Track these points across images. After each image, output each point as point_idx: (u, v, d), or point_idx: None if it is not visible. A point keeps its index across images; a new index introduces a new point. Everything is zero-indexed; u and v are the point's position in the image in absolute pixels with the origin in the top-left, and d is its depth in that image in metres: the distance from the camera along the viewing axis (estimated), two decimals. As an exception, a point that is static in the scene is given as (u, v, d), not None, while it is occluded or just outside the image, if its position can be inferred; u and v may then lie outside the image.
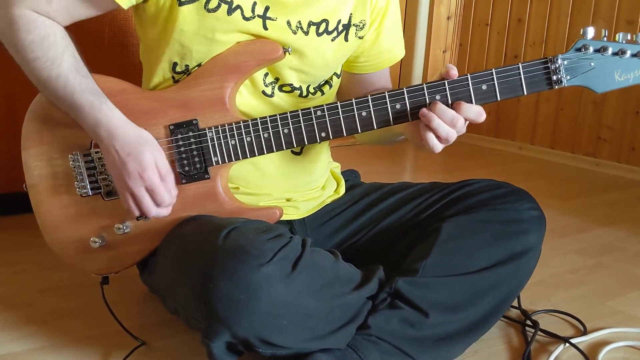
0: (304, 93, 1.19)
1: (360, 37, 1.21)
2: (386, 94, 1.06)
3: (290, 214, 1.23)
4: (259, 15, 1.09)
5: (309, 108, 1.08)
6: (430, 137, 1.03)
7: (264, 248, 0.93)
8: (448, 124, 1.02)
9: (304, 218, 1.26)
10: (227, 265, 0.92)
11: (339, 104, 1.08)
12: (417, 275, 1.11)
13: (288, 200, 1.24)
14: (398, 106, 1.06)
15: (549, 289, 1.53)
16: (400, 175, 2.84)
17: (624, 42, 1.02)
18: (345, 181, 1.38)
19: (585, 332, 1.29)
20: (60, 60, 1.03)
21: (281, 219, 1.16)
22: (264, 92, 1.15)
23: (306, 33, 1.13)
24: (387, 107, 1.06)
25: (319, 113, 1.08)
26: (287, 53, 1.11)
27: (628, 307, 1.45)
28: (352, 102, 1.07)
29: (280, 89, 1.17)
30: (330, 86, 1.24)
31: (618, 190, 2.63)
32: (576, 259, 1.76)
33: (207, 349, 0.96)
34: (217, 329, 0.93)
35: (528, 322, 1.31)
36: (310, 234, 1.26)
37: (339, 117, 1.08)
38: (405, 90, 1.06)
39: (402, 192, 1.31)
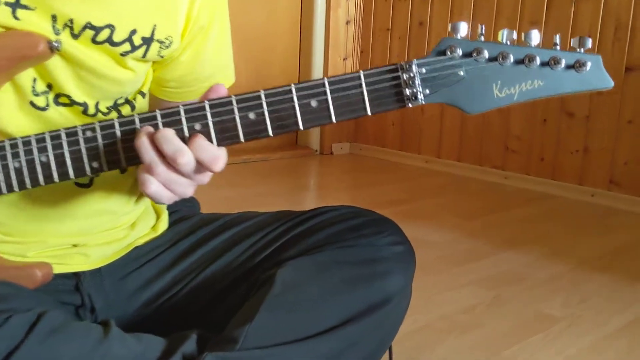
0: (92, 111, 0.87)
1: (161, 57, 0.90)
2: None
3: (77, 264, 0.91)
4: (6, 3, 0.77)
5: (76, 127, 0.77)
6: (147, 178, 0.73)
7: None
8: (169, 160, 0.72)
9: (99, 268, 0.94)
10: None
11: (115, 121, 0.77)
12: (235, 347, 0.80)
13: (75, 246, 0.92)
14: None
15: (436, 335, 1.26)
16: (297, 196, 2.54)
17: (507, 42, 0.70)
18: (170, 214, 1.06)
19: (472, 398, 1.03)
20: None
21: (64, 271, 0.85)
22: (33, 104, 0.83)
23: (75, 36, 0.81)
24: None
25: (88, 134, 0.77)
26: (54, 50, 0.79)
27: (528, 355, 1.20)
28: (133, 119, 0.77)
29: (57, 101, 0.85)
30: (133, 107, 0.93)
31: (527, 204, 2.47)
32: (474, 292, 1.51)
33: None
34: None
35: (401, 388, 1.03)
36: (110, 289, 0.94)
37: (116, 141, 0.77)
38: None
39: (238, 225, 1.01)
